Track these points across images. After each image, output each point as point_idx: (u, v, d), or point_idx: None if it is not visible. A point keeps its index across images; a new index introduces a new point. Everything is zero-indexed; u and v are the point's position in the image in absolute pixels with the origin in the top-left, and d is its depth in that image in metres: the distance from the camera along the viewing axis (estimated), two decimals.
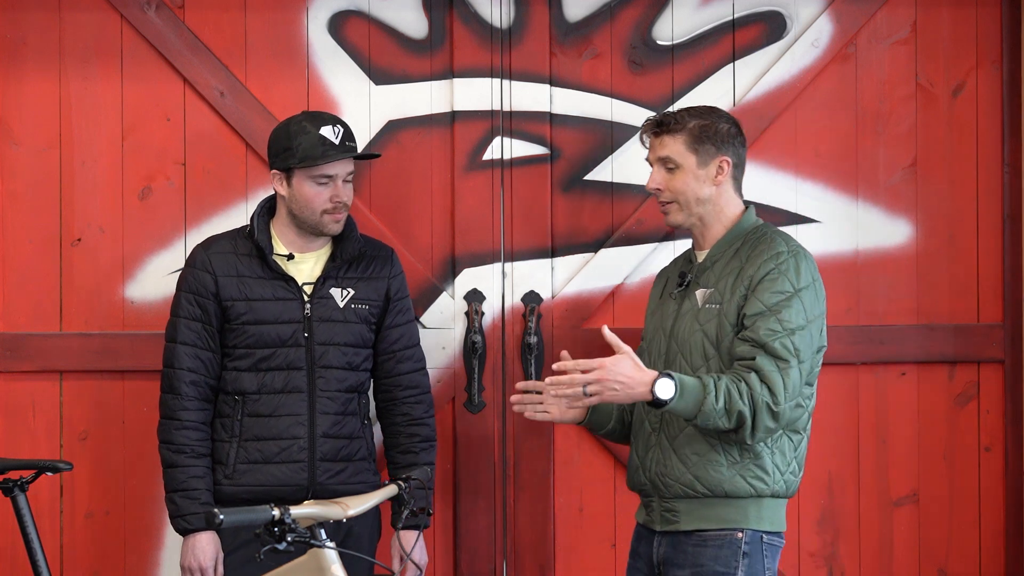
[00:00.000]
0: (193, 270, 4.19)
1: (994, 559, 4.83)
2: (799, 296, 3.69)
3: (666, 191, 3.83)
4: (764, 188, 4.75)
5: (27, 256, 4.64)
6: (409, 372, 4.31)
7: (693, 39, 4.76)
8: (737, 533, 3.71)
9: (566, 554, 4.73)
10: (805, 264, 3.74)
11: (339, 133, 4.13)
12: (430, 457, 4.29)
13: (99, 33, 4.64)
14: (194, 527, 4.09)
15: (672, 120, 3.82)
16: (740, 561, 3.70)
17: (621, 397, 3.60)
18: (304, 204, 4.14)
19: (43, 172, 4.64)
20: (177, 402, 4.13)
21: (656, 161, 3.85)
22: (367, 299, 4.24)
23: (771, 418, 3.63)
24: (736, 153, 3.84)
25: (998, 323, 4.82)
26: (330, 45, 4.69)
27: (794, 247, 3.77)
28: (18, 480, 4.15)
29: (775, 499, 3.75)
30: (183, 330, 4.15)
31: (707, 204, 3.82)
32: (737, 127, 3.86)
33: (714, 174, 3.81)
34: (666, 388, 3.58)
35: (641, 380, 3.58)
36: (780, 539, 3.79)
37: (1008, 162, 4.80)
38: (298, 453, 4.14)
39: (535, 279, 4.71)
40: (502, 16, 4.71)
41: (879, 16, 4.78)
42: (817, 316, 3.73)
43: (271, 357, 4.15)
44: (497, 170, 4.71)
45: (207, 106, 4.64)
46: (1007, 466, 4.82)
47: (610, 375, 3.57)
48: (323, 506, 3.52)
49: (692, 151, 3.80)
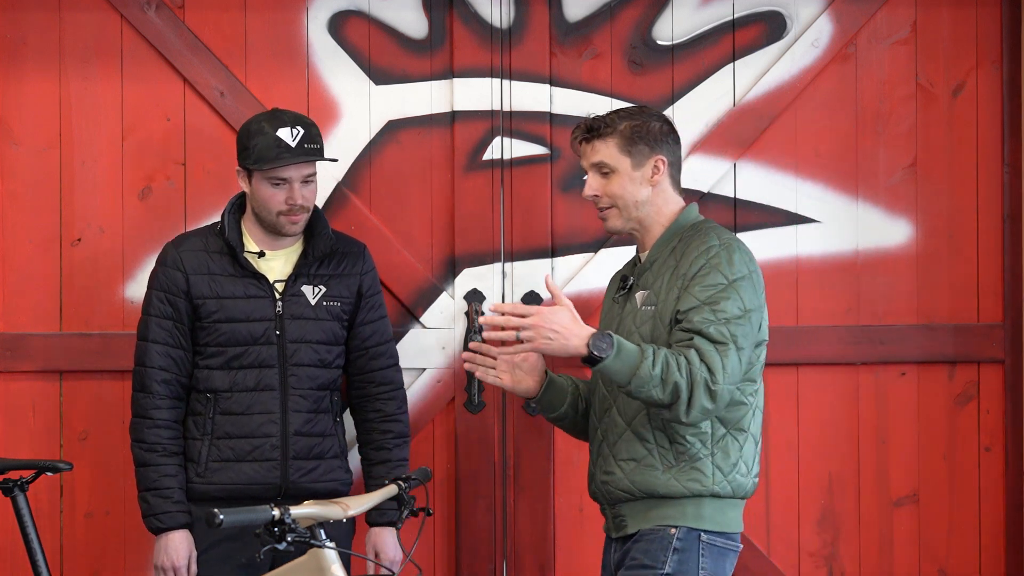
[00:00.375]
0: (164, 268, 4.19)
1: (994, 559, 4.83)
2: (734, 287, 3.60)
3: (604, 197, 3.75)
4: (764, 188, 4.75)
5: (27, 256, 4.64)
6: (382, 368, 4.31)
7: (693, 39, 4.76)
8: (670, 529, 3.63)
9: (566, 554, 4.73)
10: (739, 255, 3.65)
11: (297, 135, 4.12)
12: (404, 453, 4.31)
13: (99, 33, 4.64)
14: (167, 526, 4.10)
15: (602, 124, 3.73)
16: (668, 556, 3.61)
17: (555, 347, 3.50)
18: (261, 204, 4.15)
19: (43, 172, 4.64)
20: (149, 400, 4.13)
21: (590, 167, 3.76)
22: (339, 296, 4.24)
23: (708, 397, 3.52)
24: (671, 151, 3.76)
25: (998, 323, 4.82)
26: (330, 45, 4.69)
27: (727, 239, 3.69)
28: (18, 480, 4.15)
29: (718, 499, 3.65)
30: (154, 328, 4.15)
31: (646, 206, 3.75)
32: (669, 125, 3.79)
33: (650, 174, 3.73)
34: (602, 344, 3.48)
35: (577, 333, 3.50)
36: (728, 540, 3.68)
37: (1008, 162, 4.81)
38: (271, 451, 4.14)
39: (535, 279, 4.71)
40: (502, 16, 4.71)
41: (879, 16, 4.78)
42: (756, 307, 3.64)
43: (243, 355, 4.15)
44: (497, 170, 4.71)
45: (207, 106, 4.64)
46: (1007, 466, 4.82)
47: (546, 322, 3.49)
48: (323, 506, 3.52)
49: (626, 153, 3.72)
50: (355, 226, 4.65)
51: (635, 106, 3.84)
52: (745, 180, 4.77)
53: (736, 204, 4.76)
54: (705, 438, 3.64)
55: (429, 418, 4.69)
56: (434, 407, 4.69)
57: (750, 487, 3.71)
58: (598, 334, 3.50)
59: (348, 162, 4.69)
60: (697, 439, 3.64)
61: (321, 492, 4.14)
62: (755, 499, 4.75)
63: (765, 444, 4.76)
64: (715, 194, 4.75)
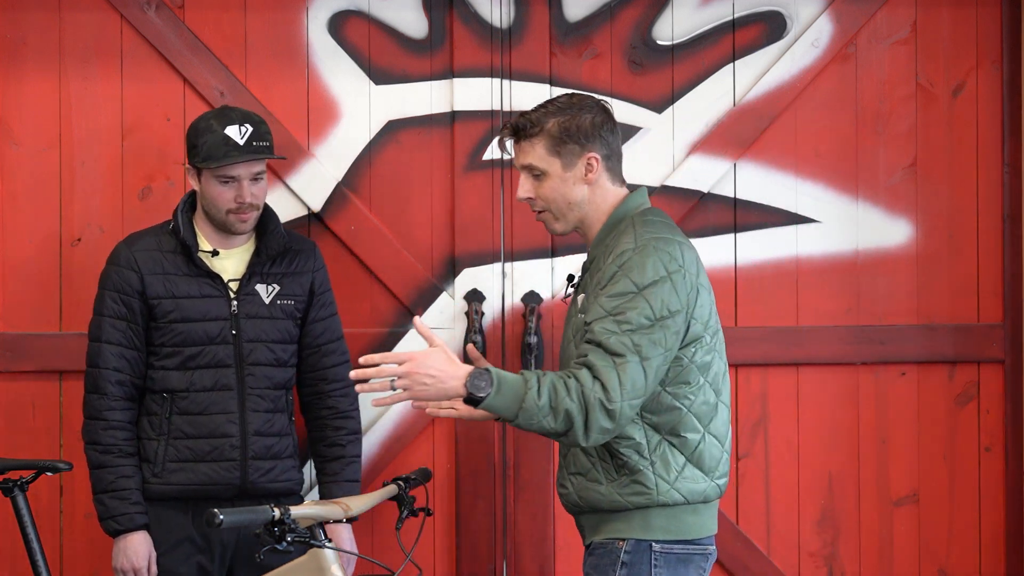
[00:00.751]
0: (118, 268, 4.17)
1: (994, 559, 4.83)
2: (643, 295, 3.36)
3: (537, 200, 3.56)
4: (764, 188, 4.75)
5: (27, 256, 4.64)
6: (335, 366, 4.31)
7: (693, 39, 4.76)
8: (618, 542, 3.47)
9: (566, 554, 4.73)
10: (654, 259, 3.40)
11: (246, 133, 4.11)
12: (357, 450, 4.31)
13: (99, 33, 4.64)
14: (126, 527, 4.08)
15: (528, 123, 3.52)
16: (617, 570, 3.46)
17: (433, 393, 3.30)
18: (210, 202, 4.15)
19: (43, 172, 4.64)
20: (103, 402, 4.12)
21: (520, 168, 3.57)
22: (292, 294, 4.24)
23: (606, 417, 3.30)
24: (605, 144, 3.53)
25: (998, 323, 4.82)
26: (330, 45, 4.69)
27: (644, 242, 3.43)
28: (18, 480, 4.15)
29: (669, 508, 3.46)
30: (108, 329, 4.14)
31: (583, 205, 3.54)
32: (604, 113, 3.55)
33: (583, 173, 3.52)
34: (480, 383, 3.29)
35: (454, 374, 3.29)
36: (690, 546, 3.50)
37: (1008, 162, 4.81)
38: (230, 451, 4.13)
39: (535, 279, 4.71)
40: (502, 16, 4.71)
41: (879, 16, 4.78)
42: (677, 310, 3.38)
43: (199, 355, 4.13)
44: (497, 170, 4.71)
45: (207, 106, 4.64)
46: (1007, 466, 4.82)
47: (420, 368, 3.28)
48: (323, 506, 3.52)
49: (555, 155, 3.51)
50: (355, 226, 4.65)
51: (565, 96, 3.59)
52: (745, 180, 4.77)
53: (736, 204, 4.76)
54: (641, 448, 3.46)
55: (429, 418, 4.69)
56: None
57: (711, 490, 3.50)
58: (476, 372, 3.29)
59: (348, 162, 4.69)
60: (632, 450, 3.46)
61: (277, 492, 4.16)
62: (755, 499, 4.75)
63: (765, 444, 4.76)
64: (715, 194, 4.75)
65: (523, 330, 4.68)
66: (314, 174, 4.66)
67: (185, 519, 4.13)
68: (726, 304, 4.75)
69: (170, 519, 4.12)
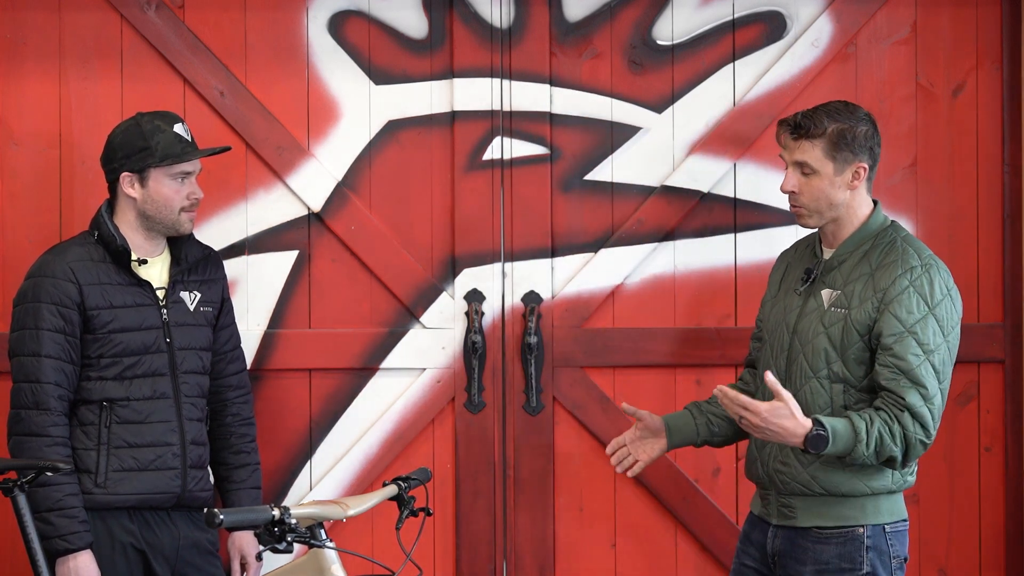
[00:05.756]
0: (54, 280, 4.09)
1: (994, 559, 4.83)
2: (934, 314, 3.70)
3: (801, 195, 3.82)
4: (764, 188, 4.75)
5: (27, 256, 4.63)
6: (238, 372, 4.33)
7: (693, 39, 4.76)
8: (858, 529, 3.76)
9: (566, 554, 4.73)
10: (939, 277, 3.75)
11: (188, 131, 4.15)
12: (258, 457, 4.35)
13: (99, 33, 4.64)
14: (76, 546, 4.00)
15: (811, 124, 3.77)
16: (864, 556, 3.75)
17: (772, 439, 3.66)
18: (163, 203, 4.13)
19: (43, 172, 4.64)
20: (46, 418, 4.03)
21: (792, 164, 3.82)
22: (210, 301, 4.26)
23: (922, 448, 3.68)
24: (872, 155, 3.81)
25: (998, 323, 4.82)
26: (330, 45, 4.69)
27: (927, 259, 3.77)
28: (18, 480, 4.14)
29: (892, 494, 3.79)
30: (48, 343, 4.04)
31: (840, 208, 3.81)
32: (874, 126, 3.83)
33: (850, 179, 3.79)
34: (819, 444, 3.60)
35: (795, 432, 3.61)
36: (904, 524, 3.82)
37: (1008, 162, 4.81)
38: (172, 460, 4.11)
39: (535, 279, 4.71)
40: (502, 16, 4.71)
41: (879, 16, 4.78)
42: (954, 326, 3.74)
43: (136, 365, 4.10)
44: (497, 170, 4.71)
45: (207, 106, 4.64)
46: (1007, 466, 4.82)
47: (765, 424, 3.62)
48: (323, 506, 3.52)
49: (830, 158, 3.77)
50: (355, 226, 4.65)
51: (841, 103, 3.84)
52: (745, 180, 4.77)
53: (736, 204, 4.76)
54: None
55: (429, 418, 4.69)
56: (434, 407, 4.69)
57: (913, 479, 3.83)
58: (815, 437, 3.59)
59: (348, 162, 4.69)
60: None
61: (205, 501, 4.16)
62: None
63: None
64: (715, 194, 4.75)
65: (523, 330, 4.68)
66: (314, 174, 4.66)
67: (132, 527, 4.09)
68: (726, 304, 4.75)
69: (114, 529, 4.08)
